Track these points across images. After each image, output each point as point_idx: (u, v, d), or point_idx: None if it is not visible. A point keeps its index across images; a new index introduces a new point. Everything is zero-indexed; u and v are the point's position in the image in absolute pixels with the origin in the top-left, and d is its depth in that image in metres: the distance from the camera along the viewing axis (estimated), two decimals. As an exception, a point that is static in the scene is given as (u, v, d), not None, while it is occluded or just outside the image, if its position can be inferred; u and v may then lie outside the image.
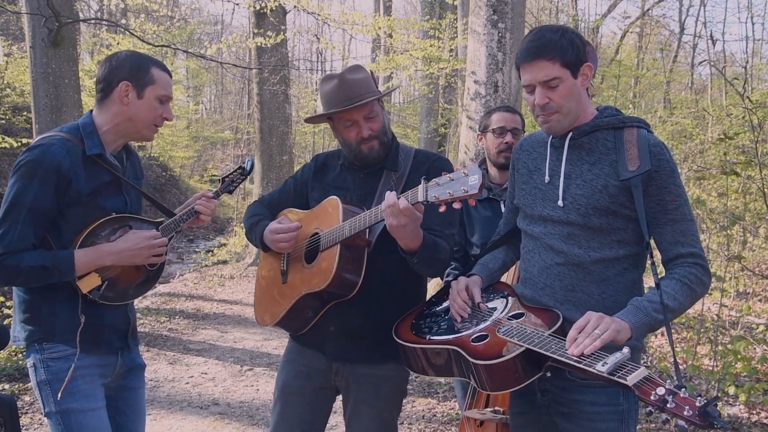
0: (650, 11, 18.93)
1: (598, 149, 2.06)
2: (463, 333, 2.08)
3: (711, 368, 4.63)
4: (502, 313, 2.11)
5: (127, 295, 2.35)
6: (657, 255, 2.06)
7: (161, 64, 2.36)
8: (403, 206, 2.05)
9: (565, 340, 1.80)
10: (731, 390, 4.52)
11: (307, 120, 2.61)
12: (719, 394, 4.65)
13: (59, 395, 2.18)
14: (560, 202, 2.07)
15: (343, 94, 2.36)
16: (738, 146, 6.71)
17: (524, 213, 2.23)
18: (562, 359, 1.74)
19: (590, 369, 1.66)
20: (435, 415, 4.83)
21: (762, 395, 4.70)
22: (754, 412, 4.65)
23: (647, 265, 2.09)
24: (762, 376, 4.86)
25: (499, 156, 3.17)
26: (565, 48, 1.98)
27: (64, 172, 2.15)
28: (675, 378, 1.76)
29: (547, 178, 2.14)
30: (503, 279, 2.50)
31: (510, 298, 2.19)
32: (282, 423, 2.52)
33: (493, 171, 3.24)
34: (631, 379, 1.60)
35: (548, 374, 1.95)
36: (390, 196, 2.08)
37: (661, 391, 1.54)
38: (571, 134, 2.08)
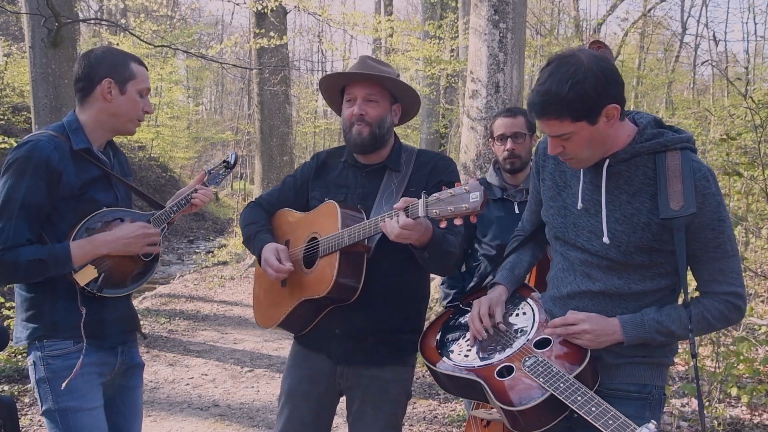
0: (652, 11, 18.92)
1: (637, 178, 1.87)
2: (489, 362, 2.01)
3: (713, 370, 4.61)
4: (528, 336, 2.04)
5: (124, 287, 2.35)
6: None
7: (137, 58, 2.38)
8: (403, 223, 2.03)
9: (590, 392, 1.76)
10: (733, 391, 4.50)
11: (321, 81, 2.54)
12: (721, 396, 4.64)
13: (63, 386, 2.18)
14: (606, 239, 1.89)
15: (357, 68, 2.42)
16: (740, 147, 6.68)
17: (554, 234, 2.08)
18: (588, 418, 1.69)
19: None
20: (436, 417, 4.81)
21: (764, 397, 4.68)
22: (756, 413, 4.63)
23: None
24: (764, 377, 4.84)
25: (505, 162, 3.18)
26: (573, 103, 1.73)
27: (54, 166, 2.17)
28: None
29: (580, 204, 1.96)
30: None
31: (536, 314, 2.10)
32: (288, 427, 2.51)
33: (506, 173, 3.24)
34: None
35: (575, 414, 1.82)
36: (391, 226, 2.05)
37: None
38: (607, 162, 1.89)
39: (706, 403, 4.48)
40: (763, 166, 4.92)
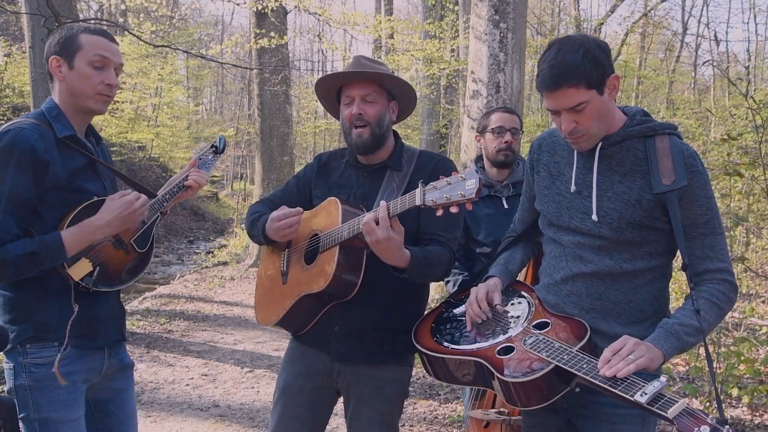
0: (653, 11, 18.91)
1: (628, 159, 1.99)
2: (487, 343, 2.02)
3: (714, 370, 4.60)
4: (525, 321, 2.05)
5: (119, 281, 2.24)
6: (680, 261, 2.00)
7: (95, 29, 2.19)
8: (382, 215, 2.05)
9: (595, 359, 1.77)
10: (734, 392, 4.50)
11: (318, 84, 2.53)
12: (722, 396, 4.63)
13: (53, 370, 2.07)
14: (594, 216, 1.98)
15: (352, 68, 2.42)
16: (741, 147, 6.69)
17: (549, 221, 2.15)
18: (596, 382, 1.70)
19: (627, 396, 1.62)
20: (436, 417, 4.80)
21: (765, 397, 4.68)
22: (757, 414, 4.62)
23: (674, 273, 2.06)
24: (765, 377, 4.84)
25: (498, 154, 3.18)
26: (589, 69, 1.86)
27: (41, 155, 2.02)
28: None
29: (573, 186, 2.05)
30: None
31: (532, 303, 2.13)
32: (282, 424, 2.50)
33: (491, 170, 3.25)
34: (672, 412, 1.55)
35: (577, 389, 1.87)
36: (368, 218, 2.09)
37: (705, 430, 1.49)
38: (600, 144, 2.00)
39: (707, 404, 4.47)
40: (764, 166, 4.92)
